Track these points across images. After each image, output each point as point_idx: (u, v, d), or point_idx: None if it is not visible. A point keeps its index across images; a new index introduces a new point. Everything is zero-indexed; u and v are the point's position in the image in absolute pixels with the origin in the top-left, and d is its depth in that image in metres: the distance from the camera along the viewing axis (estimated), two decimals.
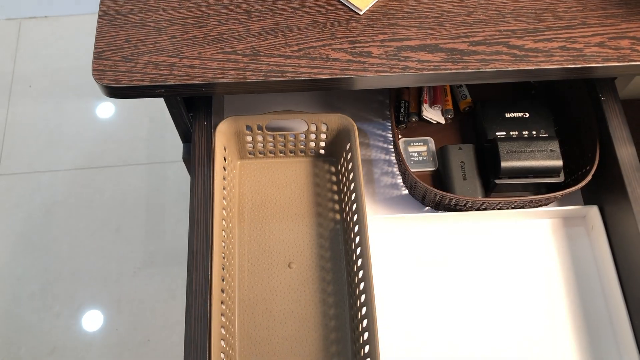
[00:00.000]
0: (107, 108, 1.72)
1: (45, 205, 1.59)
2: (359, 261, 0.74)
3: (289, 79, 0.67)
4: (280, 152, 0.87)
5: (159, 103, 1.74)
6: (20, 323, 1.45)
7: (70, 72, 1.77)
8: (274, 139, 0.84)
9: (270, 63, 0.67)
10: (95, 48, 0.68)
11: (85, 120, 1.70)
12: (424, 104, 0.89)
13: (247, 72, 0.67)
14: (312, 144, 0.85)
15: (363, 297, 0.72)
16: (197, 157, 0.75)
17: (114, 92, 0.66)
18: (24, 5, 1.85)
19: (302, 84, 0.67)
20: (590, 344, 0.75)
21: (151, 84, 0.66)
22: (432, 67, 0.67)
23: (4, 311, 1.45)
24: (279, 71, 0.67)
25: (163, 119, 1.69)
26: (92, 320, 1.45)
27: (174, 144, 1.66)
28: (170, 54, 0.68)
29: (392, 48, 0.68)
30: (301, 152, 0.87)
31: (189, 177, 1.75)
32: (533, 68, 0.67)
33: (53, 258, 1.52)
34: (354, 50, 0.68)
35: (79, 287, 1.49)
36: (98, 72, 0.66)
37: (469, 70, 0.66)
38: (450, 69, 0.66)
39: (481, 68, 0.67)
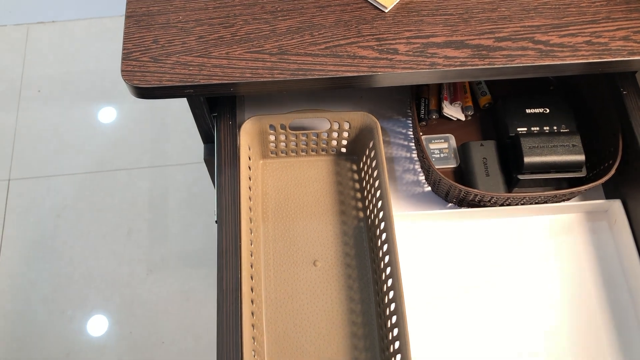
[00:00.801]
0: (115, 111, 1.72)
1: (55, 209, 1.59)
2: (386, 258, 0.75)
3: (317, 77, 0.67)
4: (302, 151, 0.87)
5: (168, 105, 1.75)
6: (34, 327, 1.45)
7: (79, 77, 1.77)
8: (296, 137, 0.84)
9: (298, 62, 0.68)
10: (123, 49, 0.68)
11: (94, 124, 1.71)
12: (444, 101, 0.89)
13: (275, 71, 0.67)
14: (334, 143, 0.86)
15: (391, 293, 0.72)
16: (223, 157, 0.75)
17: (144, 92, 0.67)
18: (31, 10, 1.85)
19: (330, 81, 0.68)
20: (616, 338, 0.76)
21: (180, 84, 0.66)
22: (459, 63, 0.67)
23: (17, 316, 1.45)
24: (307, 69, 0.67)
25: (172, 122, 1.70)
26: (106, 324, 1.45)
27: (184, 145, 1.66)
28: (198, 54, 0.68)
29: (418, 45, 0.69)
30: (323, 150, 0.87)
31: (198, 179, 1.76)
32: (559, 63, 0.67)
33: (65, 262, 1.52)
34: (380, 48, 0.69)
35: (91, 291, 1.49)
36: (127, 73, 0.67)
37: (495, 66, 0.67)
38: (477, 65, 0.67)
39: (507, 64, 0.67)
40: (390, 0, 0.71)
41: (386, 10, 0.71)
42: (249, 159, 0.79)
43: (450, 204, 0.85)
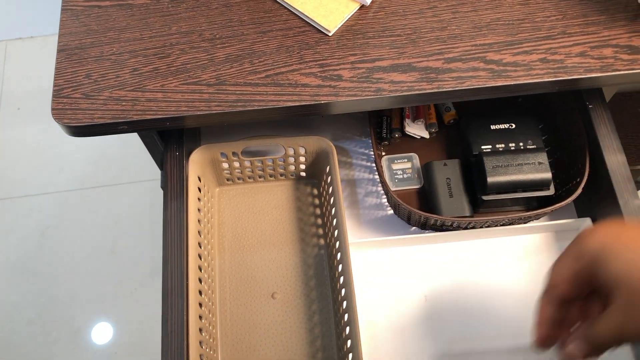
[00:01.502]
0: None
1: (38, 229, 1.58)
2: (343, 291, 0.71)
3: (256, 108, 0.64)
4: (260, 177, 0.84)
5: None
6: (18, 351, 1.43)
7: None
8: (251, 164, 0.81)
9: (237, 92, 0.64)
10: (54, 86, 0.65)
11: (75, 140, 1.68)
12: (406, 119, 0.85)
13: (213, 103, 0.64)
14: (292, 167, 0.83)
15: (348, 329, 0.69)
16: (170, 190, 0.72)
17: (76, 131, 0.64)
18: (9, 26, 1.83)
19: (271, 112, 0.64)
20: None
21: (113, 121, 0.63)
22: (405, 88, 0.64)
23: (0, 340, 1.44)
24: (246, 100, 0.64)
25: None
26: (91, 345, 1.44)
27: None
28: (132, 88, 0.65)
29: (363, 70, 0.65)
30: (281, 175, 0.84)
31: None
32: (512, 83, 0.63)
33: (49, 283, 1.51)
34: (323, 74, 0.65)
35: (76, 311, 1.47)
36: (58, 112, 0.64)
37: (444, 90, 0.63)
38: (425, 89, 0.63)
39: (457, 86, 0.63)
40: (334, 22, 0.68)
41: (330, 34, 0.68)
42: (199, 190, 0.76)
43: (414, 228, 0.81)
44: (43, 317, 1.48)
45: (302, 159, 0.81)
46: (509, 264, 0.78)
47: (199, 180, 0.77)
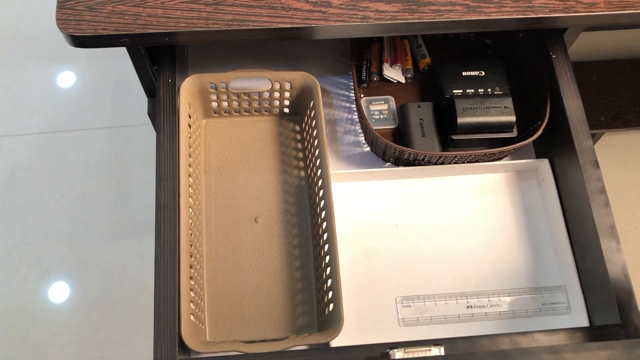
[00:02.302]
0: (69, 72, 1.69)
1: (8, 170, 1.58)
2: (323, 214, 0.77)
3: (251, 27, 0.69)
4: (245, 111, 0.88)
5: (122, 65, 1.72)
6: None
7: (30, 36, 1.73)
8: (238, 97, 0.85)
9: (233, 12, 0.69)
10: None
11: (47, 84, 1.68)
12: (385, 64, 0.91)
13: (210, 21, 0.68)
14: (277, 103, 0.87)
15: (326, 246, 0.75)
16: (162, 114, 0.76)
17: (79, 41, 0.67)
18: None
19: (264, 33, 0.69)
20: (538, 281, 0.81)
21: (115, 33, 0.67)
22: (389, 17, 0.69)
23: None
24: (242, 20, 0.69)
25: (127, 82, 1.68)
26: (60, 283, 1.46)
27: (139, 106, 1.65)
28: (134, 3, 0.69)
29: None
30: (266, 111, 0.89)
31: (154, 140, 1.75)
32: (484, 18, 0.70)
33: (18, 223, 1.52)
34: (314, 0, 0.70)
35: (45, 251, 1.49)
36: (62, 22, 0.67)
37: (424, 21, 0.70)
38: (407, 19, 0.69)
39: (436, 18, 0.70)
40: None
41: None
42: (190, 117, 0.80)
43: (388, 163, 0.88)
44: (11, 256, 1.49)
45: (287, 94, 0.86)
46: (473, 199, 0.86)
47: (189, 107, 0.81)
